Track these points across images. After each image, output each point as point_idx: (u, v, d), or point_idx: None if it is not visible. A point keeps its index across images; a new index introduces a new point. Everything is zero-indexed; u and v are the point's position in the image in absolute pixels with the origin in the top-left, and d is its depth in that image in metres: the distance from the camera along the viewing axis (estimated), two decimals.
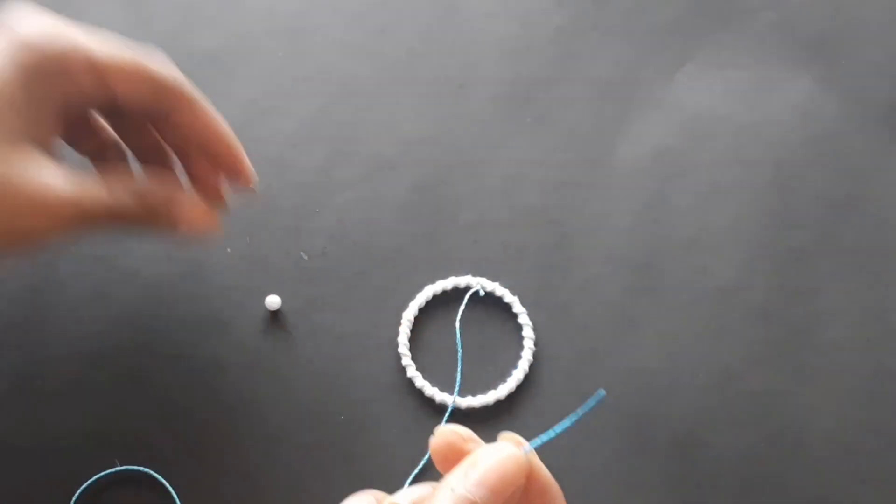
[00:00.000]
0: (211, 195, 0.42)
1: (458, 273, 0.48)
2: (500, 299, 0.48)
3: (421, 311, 0.48)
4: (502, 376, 0.47)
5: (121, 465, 0.44)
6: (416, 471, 0.45)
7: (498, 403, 0.46)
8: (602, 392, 0.30)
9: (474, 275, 0.48)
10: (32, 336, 0.46)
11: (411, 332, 0.47)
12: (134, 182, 0.38)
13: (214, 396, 0.46)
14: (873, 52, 0.52)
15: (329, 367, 0.47)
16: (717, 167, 0.50)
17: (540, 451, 0.31)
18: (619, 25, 0.53)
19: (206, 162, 0.41)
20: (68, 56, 0.35)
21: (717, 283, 0.48)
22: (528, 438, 0.31)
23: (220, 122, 0.40)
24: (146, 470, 0.44)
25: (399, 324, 0.47)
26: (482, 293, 0.48)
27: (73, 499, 0.44)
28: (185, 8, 0.52)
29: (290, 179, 0.49)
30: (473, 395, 0.46)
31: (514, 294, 0.48)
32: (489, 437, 0.32)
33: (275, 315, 0.47)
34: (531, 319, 0.47)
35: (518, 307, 0.47)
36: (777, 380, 0.46)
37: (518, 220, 0.49)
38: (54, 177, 0.34)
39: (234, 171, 0.41)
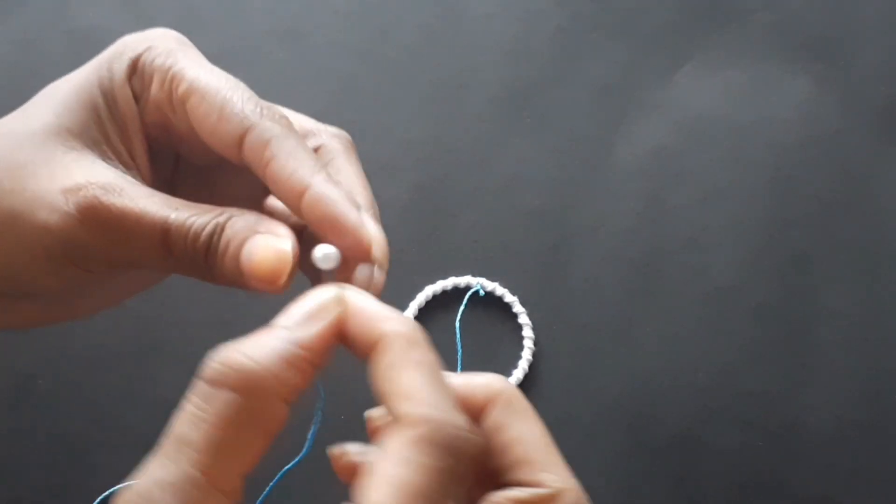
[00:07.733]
0: None
1: (458, 273, 0.48)
2: (500, 299, 0.48)
3: (421, 311, 0.48)
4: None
5: (125, 467, 0.44)
6: None
7: None
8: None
9: (474, 275, 0.48)
10: (33, 337, 0.47)
11: None
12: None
13: None
14: (873, 53, 0.52)
15: (330, 367, 0.47)
16: (717, 167, 0.50)
17: None
18: (619, 26, 0.53)
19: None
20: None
21: (716, 283, 0.48)
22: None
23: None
24: None
25: None
26: (482, 293, 0.48)
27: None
28: (185, 10, 0.53)
29: None
30: None
31: (514, 294, 0.48)
32: None
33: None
34: (531, 319, 0.47)
35: (518, 307, 0.47)
36: (776, 380, 0.47)
37: (518, 220, 0.49)
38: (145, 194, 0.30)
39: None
